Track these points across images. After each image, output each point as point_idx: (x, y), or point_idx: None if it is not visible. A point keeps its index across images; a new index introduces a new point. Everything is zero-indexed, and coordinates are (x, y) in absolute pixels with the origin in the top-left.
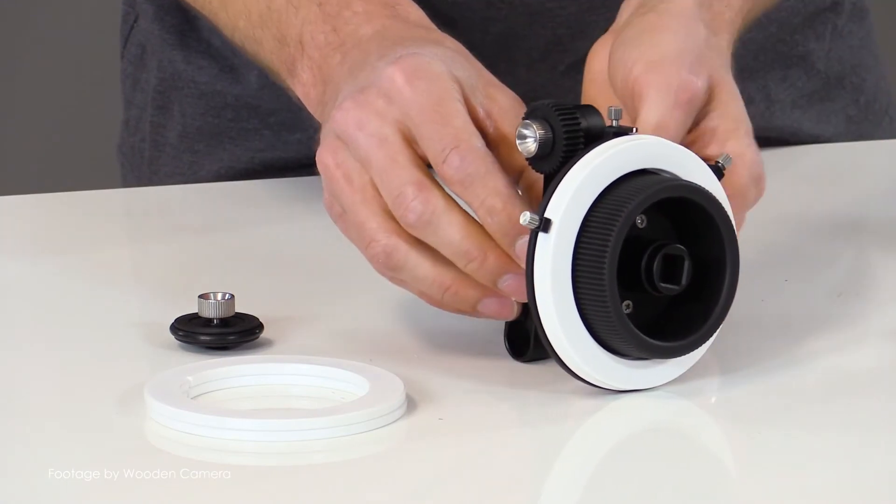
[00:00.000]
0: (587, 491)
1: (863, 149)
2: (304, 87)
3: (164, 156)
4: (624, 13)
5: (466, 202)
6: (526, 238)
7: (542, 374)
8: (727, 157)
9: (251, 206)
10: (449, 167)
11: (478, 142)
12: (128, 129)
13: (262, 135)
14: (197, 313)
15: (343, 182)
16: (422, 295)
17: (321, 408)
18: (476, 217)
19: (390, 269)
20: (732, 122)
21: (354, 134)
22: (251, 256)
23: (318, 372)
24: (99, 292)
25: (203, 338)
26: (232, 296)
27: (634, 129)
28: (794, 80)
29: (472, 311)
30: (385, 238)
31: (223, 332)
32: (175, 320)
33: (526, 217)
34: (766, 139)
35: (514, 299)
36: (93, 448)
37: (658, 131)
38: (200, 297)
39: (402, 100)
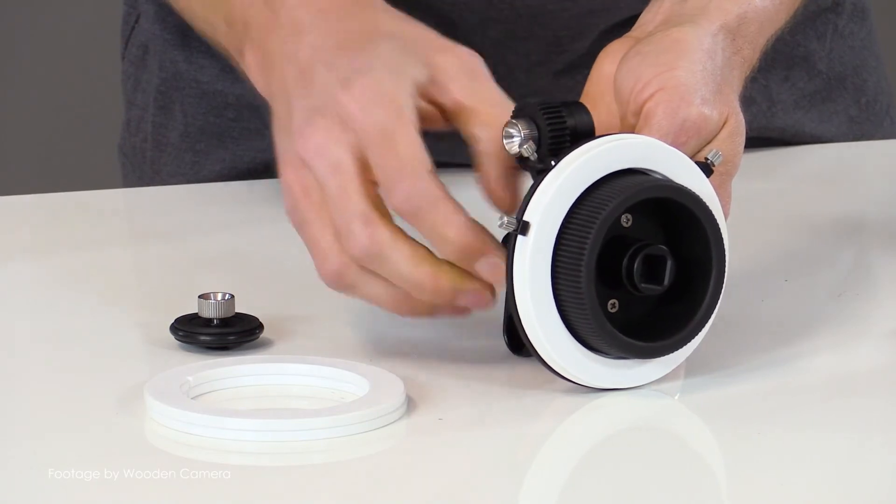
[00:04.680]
0: (588, 490)
1: (864, 149)
2: (249, 69)
3: (165, 156)
4: (648, 22)
5: (421, 232)
6: (489, 258)
7: (542, 374)
8: (716, 154)
9: (251, 206)
10: (396, 199)
11: (425, 170)
12: (129, 130)
13: (264, 134)
14: (197, 313)
15: (301, 196)
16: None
17: (321, 408)
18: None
19: (343, 288)
20: (723, 162)
21: (313, 160)
22: (251, 256)
23: (318, 372)
24: (99, 292)
25: (203, 338)
26: (232, 296)
27: None
28: (796, 81)
29: (436, 314)
30: (337, 258)
31: (223, 332)
32: (175, 320)
33: (503, 220)
34: (768, 139)
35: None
36: (93, 448)
37: None
38: (200, 297)
39: (356, 126)
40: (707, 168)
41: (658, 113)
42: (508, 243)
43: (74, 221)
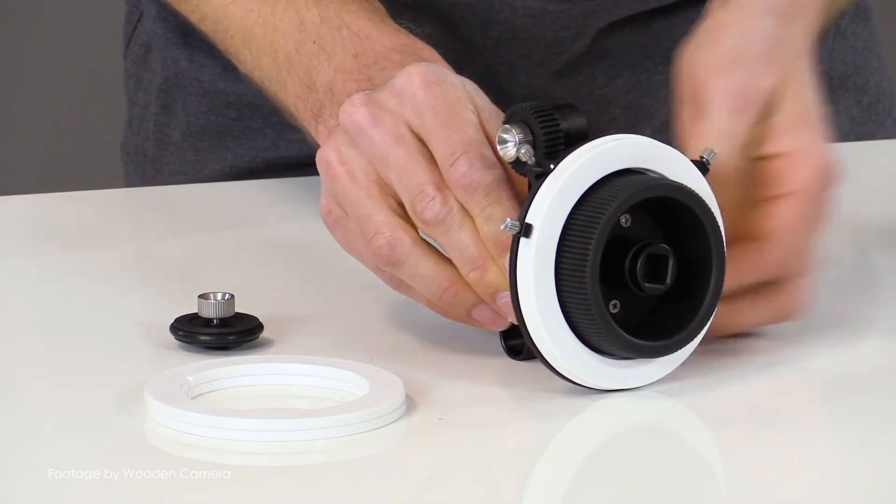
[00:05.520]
0: (589, 490)
1: (866, 149)
2: (329, 133)
3: (167, 154)
4: (708, 10)
5: (467, 208)
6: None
7: (542, 374)
8: (710, 152)
9: (252, 206)
10: (456, 171)
11: (488, 152)
12: (131, 129)
13: (265, 133)
14: (197, 313)
15: (347, 180)
16: (419, 296)
17: (321, 408)
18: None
19: (392, 262)
20: (797, 115)
21: (368, 130)
22: (252, 256)
23: (318, 372)
24: (100, 292)
25: (203, 338)
26: (232, 296)
27: None
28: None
29: (466, 317)
30: (390, 231)
31: (223, 332)
32: (175, 320)
33: (507, 223)
34: None
35: (509, 318)
36: (93, 448)
37: (719, 140)
38: (200, 297)
39: (416, 101)
40: (703, 166)
41: (710, 98)
42: (511, 246)
43: (77, 221)
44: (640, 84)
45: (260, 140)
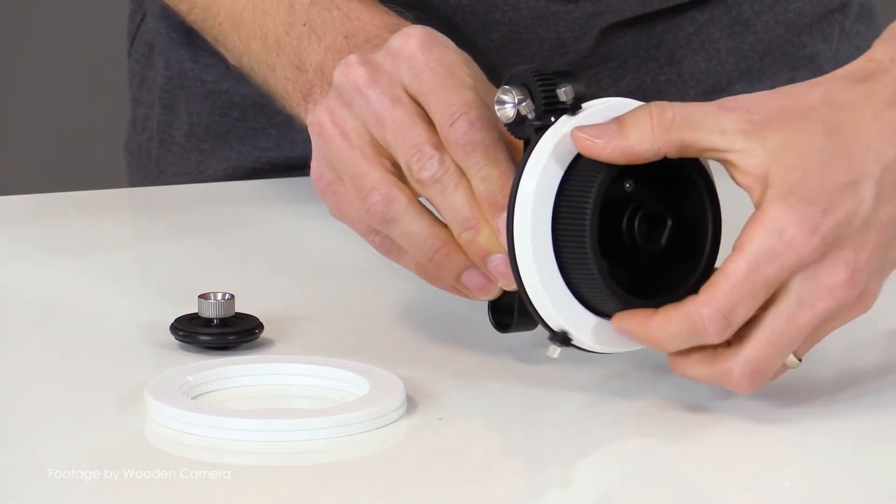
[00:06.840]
0: (589, 490)
1: None
2: None
3: (171, 154)
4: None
5: (464, 168)
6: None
7: (542, 374)
8: None
9: (254, 206)
10: (455, 131)
11: (488, 113)
12: (135, 128)
13: (269, 133)
14: (197, 313)
15: (340, 140)
16: (408, 261)
17: (321, 408)
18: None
19: (387, 220)
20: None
21: (365, 91)
22: (252, 256)
23: (318, 372)
24: (100, 292)
25: (203, 338)
26: (232, 296)
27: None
28: (802, 81)
29: (456, 283)
30: (386, 188)
31: (223, 332)
32: (175, 320)
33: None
34: None
35: (499, 283)
36: (93, 448)
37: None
38: (200, 297)
39: (414, 63)
40: None
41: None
42: (507, 206)
43: (80, 221)
44: (645, 85)
45: (264, 140)
